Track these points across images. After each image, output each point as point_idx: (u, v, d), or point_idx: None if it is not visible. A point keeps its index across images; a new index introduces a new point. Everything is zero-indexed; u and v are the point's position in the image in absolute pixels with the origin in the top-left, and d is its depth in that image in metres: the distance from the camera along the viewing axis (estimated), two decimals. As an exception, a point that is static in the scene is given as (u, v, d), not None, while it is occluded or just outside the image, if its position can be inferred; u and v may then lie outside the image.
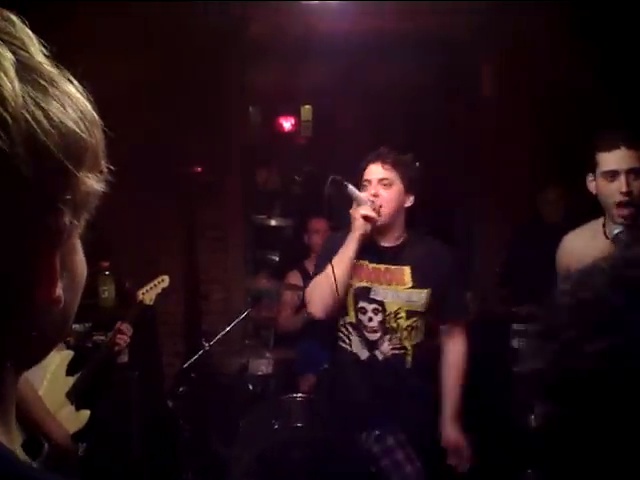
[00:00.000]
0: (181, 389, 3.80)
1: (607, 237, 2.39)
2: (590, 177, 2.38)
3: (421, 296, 2.61)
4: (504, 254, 4.65)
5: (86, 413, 2.81)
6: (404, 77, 5.45)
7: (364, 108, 5.98)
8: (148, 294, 3.16)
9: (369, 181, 2.60)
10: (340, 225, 2.75)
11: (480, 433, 3.84)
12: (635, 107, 4.02)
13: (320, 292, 2.58)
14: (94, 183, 0.53)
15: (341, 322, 2.68)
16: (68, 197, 0.50)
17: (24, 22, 0.50)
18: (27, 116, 0.46)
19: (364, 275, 2.62)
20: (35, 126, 0.46)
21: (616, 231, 2.27)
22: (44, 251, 0.50)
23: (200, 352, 3.74)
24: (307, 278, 4.49)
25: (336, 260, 2.53)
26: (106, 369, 2.95)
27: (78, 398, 2.78)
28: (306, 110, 6.81)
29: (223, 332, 3.83)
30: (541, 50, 4.50)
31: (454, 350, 2.79)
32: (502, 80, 4.86)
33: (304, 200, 6.35)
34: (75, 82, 0.53)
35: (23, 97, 0.46)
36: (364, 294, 2.63)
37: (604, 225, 2.41)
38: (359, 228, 2.52)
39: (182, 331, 4.79)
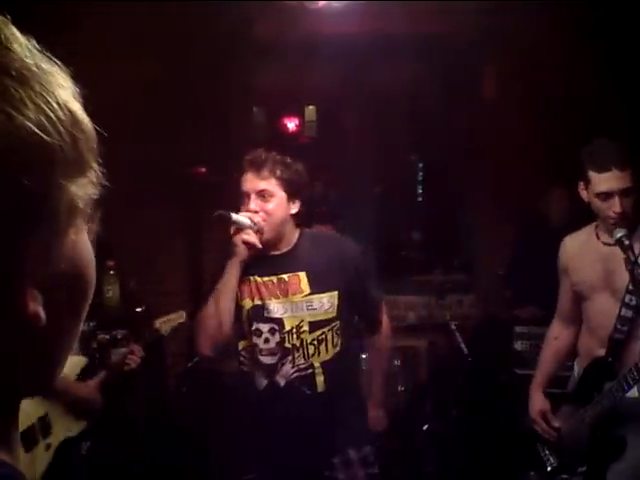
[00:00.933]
0: (184, 389, 3.81)
1: (599, 239, 2.46)
2: (581, 185, 2.43)
3: (323, 301, 2.31)
4: (507, 256, 4.65)
5: (82, 423, 2.85)
6: (407, 78, 5.45)
7: (368, 109, 5.98)
8: (165, 325, 3.23)
9: (246, 194, 2.31)
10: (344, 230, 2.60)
11: (483, 434, 3.85)
12: (638, 109, 4.02)
13: (205, 329, 2.30)
14: (79, 189, 0.48)
15: (239, 347, 2.40)
16: (39, 206, 0.45)
17: (6, 18, 0.48)
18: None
19: (255, 292, 2.33)
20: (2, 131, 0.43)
21: (619, 235, 2.29)
22: (11, 238, 0.45)
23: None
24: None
25: (218, 291, 2.29)
26: (114, 385, 2.98)
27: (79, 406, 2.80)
28: (310, 110, 6.81)
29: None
30: (543, 52, 4.50)
31: (376, 334, 2.57)
32: (504, 82, 4.86)
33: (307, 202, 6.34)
34: (65, 82, 0.50)
35: None
36: (258, 314, 2.32)
37: (597, 228, 2.49)
38: (239, 254, 2.28)
39: (185, 332, 4.80)
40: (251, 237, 2.26)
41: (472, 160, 5.28)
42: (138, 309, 3.35)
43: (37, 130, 0.45)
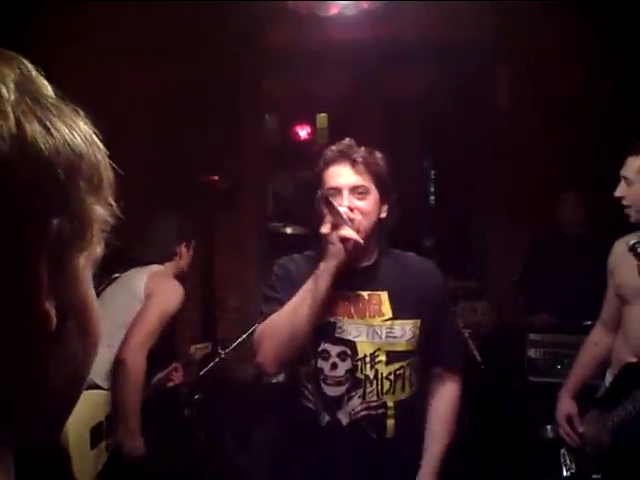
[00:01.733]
0: (197, 397, 3.80)
1: None
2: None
3: (405, 329, 1.96)
4: (520, 263, 4.62)
5: None
6: (419, 84, 5.45)
7: (380, 115, 5.98)
8: (199, 351, 3.44)
9: (337, 189, 1.93)
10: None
11: (496, 442, 3.82)
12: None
13: (275, 339, 1.89)
14: (98, 209, 0.50)
15: (301, 372, 1.99)
16: (62, 204, 0.47)
17: (38, 71, 0.51)
18: (25, 122, 0.46)
19: (327, 306, 1.92)
20: (33, 130, 0.46)
21: (632, 242, 2.27)
22: (29, 245, 0.46)
23: (216, 360, 3.75)
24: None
25: (301, 296, 1.87)
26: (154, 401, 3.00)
27: None
28: (321, 118, 6.83)
29: (239, 340, 3.83)
30: (557, 55, 4.48)
31: (444, 395, 2.09)
32: (518, 86, 4.85)
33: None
34: (82, 115, 0.52)
35: (21, 105, 0.46)
36: (328, 333, 1.94)
37: None
38: (336, 255, 1.85)
39: (198, 338, 4.80)
40: (351, 233, 1.86)
41: (485, 165, 5.26)
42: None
43: (70, 147, 0.48)
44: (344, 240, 1.86)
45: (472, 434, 3.96)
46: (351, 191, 1.93)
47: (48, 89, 0.50)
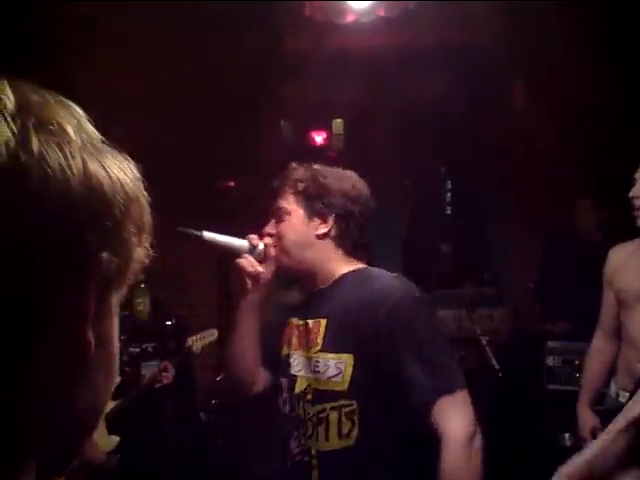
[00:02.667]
0: (214, 402, 3.82)
1: None
2: None
3: (329, 364, 1.66)
4: (537, 270, 4.59)
5: (116, 439, 2.88)
6: (435, 91, 5.45)
7: (396, 122, 5.98)
8: (197, 343, 3.24)
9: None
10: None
11: (514, 450, 3.79)
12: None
13: (228, 374, 1.92)
14: (139, 251, 0.54)
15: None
16: (111, 233, 0.50)
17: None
18: (87, 161, 0.49)
19: (287, 338, 1.83)
20: (92, 169, 0.49)
21: None
22: (82, 278, 0.48)
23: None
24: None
25: (231, 336, 1.84)
26: (145, 402, 3.01)
27: (111, 422, 2.84)
28: (337, 123, 6.83)
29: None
30: (572, 65, 4.46)
31: (441, 454, 1.59)
32: (533, 94, 4.83)
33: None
34: (129, 159, 0.55)
35: (84, 150, 0.50)
36: (283, 365, 1.81)
37: None
38: (246, 289, 1.79)
39: (215, 344, 4.82)
40: (249, 263, 1.77)
41: (501, 172, 5.25)
42: (168, 322, 3.38)
43: (125, 189, 0.51)
44: (242, 271, 1.77)
45: (489, 441, 3.94)
46: (274, 216, 1.83)
47: (97, 135, 0.53)
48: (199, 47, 4.41)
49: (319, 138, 6.93)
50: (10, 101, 0.47)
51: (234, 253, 1.78)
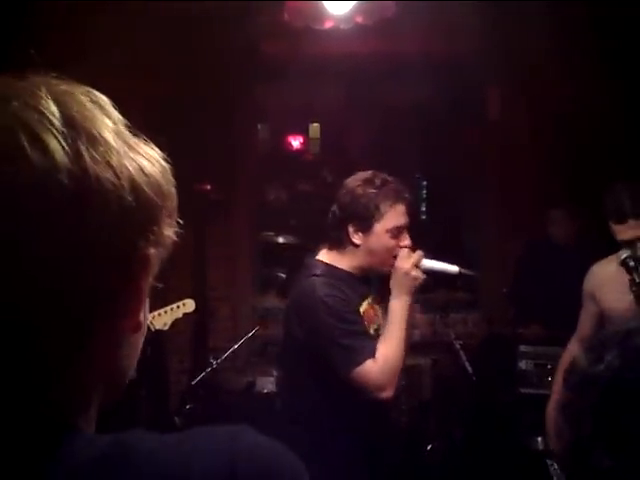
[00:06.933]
0: (188, 406, 3.80)
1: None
2: (610, 222, 2.44)
3: None
4: (511, 274, 4.64)
5: None
6: (411, 97, 5.49)
7: (372, 127, 6.02)
8: (163, 318, 2.94)
9: (402, 229, 2.13)
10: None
11: (487, 454, 3.82)
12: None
13: (396, 371, 2.02)
14: (170, 230, 0.62)
15: None
16: (155, 231, 0.59)
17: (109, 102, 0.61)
18: (129, 167, 0.57)
19: (369, 318, 2.17)
20: (135, 175, 0.57)
21: (624, 256, 2.31)
22: (136, 275, 0.59)
23: (207, 369, 3.74)
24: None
25: (398, 327, 2.05)
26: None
27: None
28: (314, 128, 6.86)
29: (231, 350, 3.83)
30: (549, 70, 4.53)
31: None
32: (509, 100, 4.89)
33: (311, 218, 6.38)
34: (154, 147, 0.63)
35: (122, 151, 0.57)
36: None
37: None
38: (410, 291, 2.11)
39: (189, 348, 4.79)
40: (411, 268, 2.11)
41: (476, 178, 5.30)
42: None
43: (161, 179, 0.61)
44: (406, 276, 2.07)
45: (462, 446, 3.97)
46: (408, 229, 2.16)
47: (126, 128, 0.61)
48: (177, 49, 4.39)
49: (296, 142, 6.94)
50: (56, 117, 0.54)
51: (444, 275, 2.19)
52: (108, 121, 0.58)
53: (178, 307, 3.04)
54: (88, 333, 0.56)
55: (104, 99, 0.60)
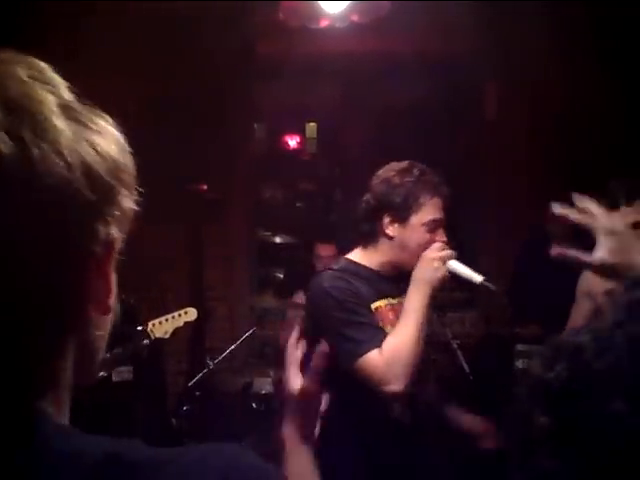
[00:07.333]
0: (185, 408, 3.78)
1: None
2: None
3: None
4: (508, 273, 4.64)
5: None
6: (408, 97, 5.49)
7: (369, 126, 6.01)
8: (164, 326, 2.87)
9: (439, 223, 2.04)
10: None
11: (482, 455, 3.82)
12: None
13: (412, 363, 1.86)
14: (130, 201, 0.60)
15: None
16: (115, 212, 0.57)
17: (54, 70, 0.57)
18: (81, 152, 0.54)
19: (386, 318, 2.03)
20: (88, 160, 0.54)
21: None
22: (100, 260, 0.57)
23: (204, 370, 3.73)
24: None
25: (416, 316, 1.90)
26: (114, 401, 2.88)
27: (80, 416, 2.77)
28: (311, 127, 6.86)
29: (228, 351, 3.82)
30: (546, 69, 4.52)
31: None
32: (506, 99, 4.88)
33: (309, 218, 6.38)
34: (105, 116, 0.60)
35: (71, 132, 0.54)
36: None
37: None
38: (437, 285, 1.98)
39: (186, 349, 4.78)
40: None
41: (474, 177, 5.29)
42: (139, 327, 3.31)
43: (116, 156, 0.58)
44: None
45: (459, 445, 3.96)
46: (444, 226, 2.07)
47: (75, 100, 0.57)
48: (172, 49, 4.38)
49: (292, 142, 6.94)
50: None
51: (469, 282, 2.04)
52: (52, 98, 0.54)
53: (180, 315, 2.98)
54: (57, 321, 0.55)
55: (44, 68, 0.56)
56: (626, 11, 3.89)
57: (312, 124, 6.82)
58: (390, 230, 1.99)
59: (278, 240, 5.78)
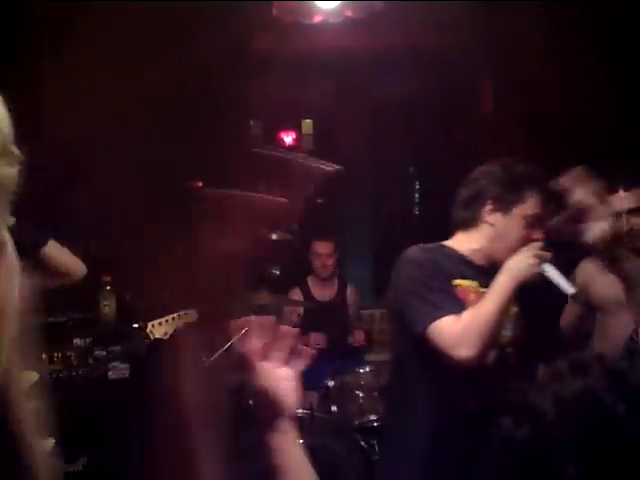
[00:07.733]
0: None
1: None
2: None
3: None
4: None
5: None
6: (404, 92, 5.48)
7: (365, 122, 6.00)
8: (164, 327, 2.88)
9: (539, 219, 2.08)
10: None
11: (486, 454, 3.83)
12: (635, 122, 4.04)
13: (490, 333, 1.86)
14: (6, 166, 0.60)
15: None
16: None
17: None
18: None
19: (468, 299, 2.02)
20: None
21: None
22: None
23: (201, 367, 3.72)
24: (308, 295, 4.48)
25: (499, 294, 1.89)
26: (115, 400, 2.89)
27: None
28: (307, 124, 6.85)
29: (224, 347, 3.81)
30: (541, 66, 4.53)
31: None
32: (502, 96, 4.89)
33: (305, 214, 6.36)
34: None
35: None
36: None
37: None
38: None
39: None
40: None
41: (468, 173, 5.29)
42: (135, 325, 3.29)
43: None
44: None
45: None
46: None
47: None
48: (166, 46, 4.37)
49: (288, 138, 6.92)
50: None
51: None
52: None
53: (180, 316, 2.96)
54: None
55: None
56: (621, 8, 3.90)
57: (308, 120, 6.81)
58: (491, 218, 2.03)
59: (274, 237, 5.76)
